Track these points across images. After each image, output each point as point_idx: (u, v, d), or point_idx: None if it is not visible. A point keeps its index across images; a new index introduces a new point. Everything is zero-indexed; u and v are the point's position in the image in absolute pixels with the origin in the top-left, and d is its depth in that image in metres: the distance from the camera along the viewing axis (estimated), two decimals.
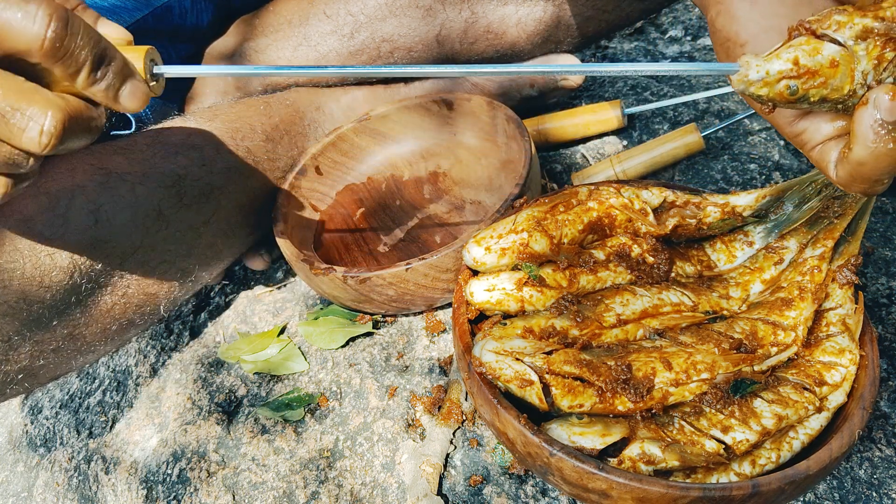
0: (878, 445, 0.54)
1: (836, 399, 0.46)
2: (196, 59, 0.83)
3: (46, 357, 0.58)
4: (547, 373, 0.45)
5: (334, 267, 0.63)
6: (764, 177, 0.76)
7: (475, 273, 0.55)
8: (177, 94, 0.82)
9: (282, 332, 0.72)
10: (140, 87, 0.42)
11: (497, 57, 0.81)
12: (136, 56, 0.43)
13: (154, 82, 0.44)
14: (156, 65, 0.44)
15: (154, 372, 0.74)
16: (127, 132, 0.73)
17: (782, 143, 0.80)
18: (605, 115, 0.83)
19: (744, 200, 0.55)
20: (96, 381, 0.76)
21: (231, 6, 0.86)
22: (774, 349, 0.48)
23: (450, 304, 0.68)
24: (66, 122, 0.38)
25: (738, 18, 0.42)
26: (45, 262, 0.55)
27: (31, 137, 0.37)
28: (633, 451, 0.42)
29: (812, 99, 0.38)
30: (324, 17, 0.78)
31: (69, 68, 0.39)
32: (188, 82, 0.83)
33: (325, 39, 0.78)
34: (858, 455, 0.53)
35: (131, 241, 0.60)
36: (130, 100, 0.42)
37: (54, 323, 0.56)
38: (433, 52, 0.79)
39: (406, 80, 0.84)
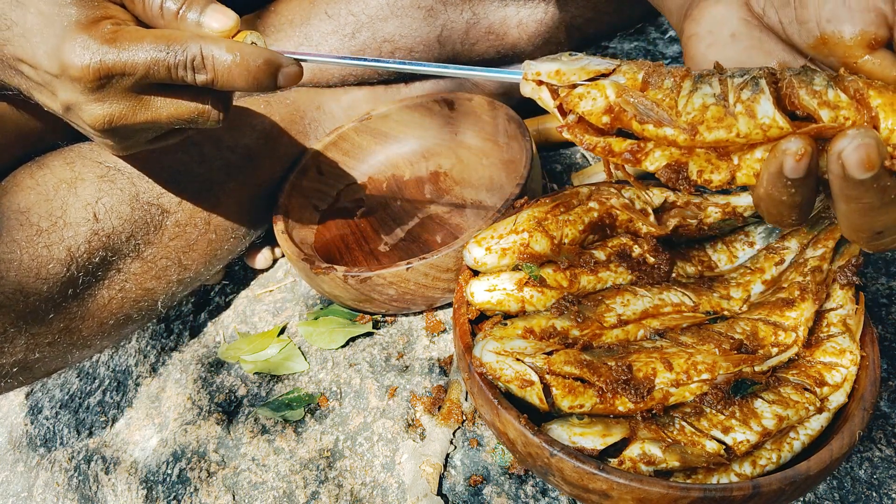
0: (879, 446, 0.54)
1: (837, 399, 0.46)
2: None
3: (42, 350, 0.58)
4: (547, 373, 0.45)
5: (335, 266, 0.63)
6: None
7: (476, 273, 0.54)
8: None
9: (282, 332, 0.72)
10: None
11: (498, 58, 0.81)
12: (236, 39, 0.48)
13: None
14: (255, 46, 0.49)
15: (154, 372, 0.73)
16: None
17: None
18: None
19: (745, 201, 0.55)
20: (96, 380, 0.76)
21: (234, 6, 0.86)
22: (775, 350, 0.48)
23: (450, 304, 0.68)
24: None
25: (693, 58, 0.43)
26: (42, 254, 0.54)
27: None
28: (633, 451, 0.42)
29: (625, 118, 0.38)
30: (325, 17, 0.78)
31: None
32: None
33: (327, 39, 0.78)
34: (858, 455, 0.53)
35: (130, 236, 0.60)
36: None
37: (50, 316, 0.56)
38: (434, 53, 0.79)
39: (407, 80, 0.84)
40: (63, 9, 0.46)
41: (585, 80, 0.38)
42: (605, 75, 0.39)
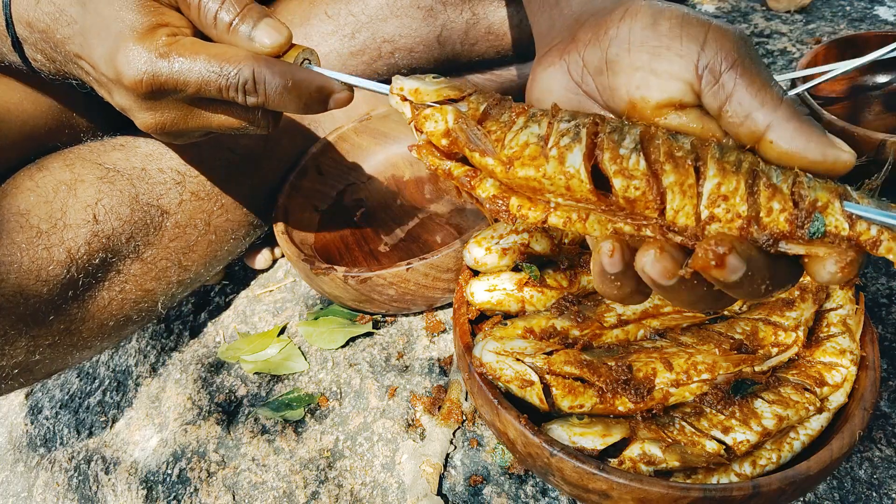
0: (879, 445, 0.54)
1: (837, 399, 0.46)
2: None
3: (42, 352, 0.58)
4: (547, 373, 0.45)
5: (335, 267, 0.63)
6: None
7: (476, 273, 0.54)
8: None
9: (282, 332, 0.72)
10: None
11: (498, 58, 0.81)
12: (289, 54, 0.48)
13: None
14: (310, 63, 0.49)
15: (154, 372, 0.73)
16: None
17: None
18: None
19: None
20: (96, 381, 0.76)
21: None
22: (775, 350, 0.48)
23: (450, 304, 0.68)
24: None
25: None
26: (42, 256, 0.54)
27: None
28: (633, 451, 0.42)
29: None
30: (325, 18, 0.78)
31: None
32: None
33: (327, 39, 0.78)
34: (858, 455, 0.53)
35: (130, 237, 0.60)
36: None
37: (51, 318, 0.56)
38: (434, 53, 0.79)
39: None
40: (121, 13, 0.47)
41: (435, 103, 0.40)
42: (455, 100, 0.40)
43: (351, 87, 0.50)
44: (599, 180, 0.36)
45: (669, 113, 0.38)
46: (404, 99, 0.42)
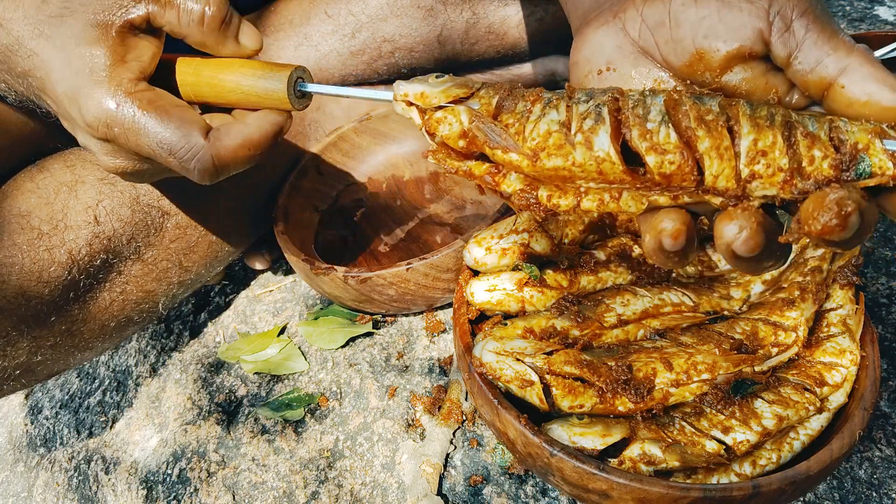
0: (879, 445, 0.54)
1: (837, 400, 0.46)
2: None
3: (44, 353, 0.58)
4: (547, 373, 0.45)
5: (335, 267, 0.63)
6: None
7: (476, 273, 0.54)
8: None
9: (282, 332, 0.72)
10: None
11: (498, 57, 0.81)
12: (284, 72, 0.46)
13: (299, 98, 0.47)
14: (304, 82, 0.48)
15: (154, 372, 0.73)
16: None
17: None
18: None
19: None
20: (96, 381, 0.76)
21: (236, 5, 0.86)
22: (775, 350, 0.48)
23: (450, 304, 0.68)
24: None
25: (574, 85, 0.45)
26: (43, 258, 0.55)
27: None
28: (633, 451, 0.42)
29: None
30: (325, 17, 0.78)
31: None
32: None
33: (327, 39, 0.78)
34: (858, 455, 0.53)
35: (130, 238, 0.60)
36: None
37: (52, 319, 0.56)
38: (434, 53, 0.79)
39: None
40: (82, 48, 0.44)
41: (445, 104, 0.39)
42: (465, 98, 0.39)
43: (290, 116, 0.49)
44: (629, 156, 0.35)
45: (735, 65, 0.37)
46: (410, 104, 0.40)
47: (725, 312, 0.52)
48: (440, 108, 0.39)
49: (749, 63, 0.37)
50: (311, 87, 0.47)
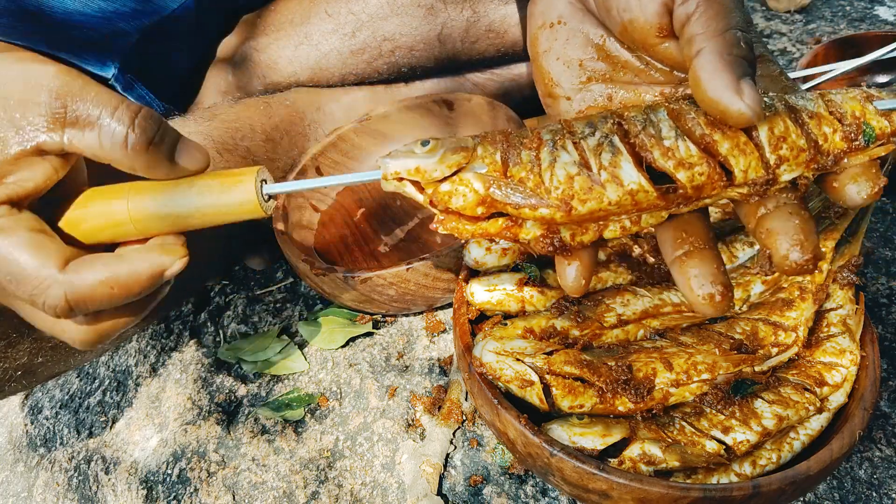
0: (879, 445, 0.54)
1: (837, 400, 0.46)
2: (202, 59, 0.83)
3: (45, 354, 0.58)
4: (547, 373, 0.45)
5: (335, 267, 0.63)
6: None
7: (476, 273, 0.54)
8: (176, 95, 0.82)
9: (282, 332, 0.72)
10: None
11: (498, 56, 0.81)
12: (248, 177, 0.40)
13: (267, 201, 0.41)
14: (266, 184, 0.41)
15: (154, 372, 0.73)
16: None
17: None
18: None
19: None
20: (96, 381, 0.76)
21: (237, 5, 0.86)
22: (775, 350, 0.48)
23: (450, 304, 0.68)
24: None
25: (529, 35, 0.46)
26: None
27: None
28: (633, 451, 0.42)
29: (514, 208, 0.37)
30: (325, 16, 0.78)
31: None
32: (188, 82, 0.83)
33: (327, 38, 0.78)
34: (858, 455, 0.53)
35: None
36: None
37: None
38: (434, 52, 0.79)
39: (406, 80, 0.84)
40: None
41: (448, 175, 0.37)
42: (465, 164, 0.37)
43: (185, 245, 0.42)
44: (650, 175, 0.36)
45: (659, 42, 0.39)
46: (401, 179, 0.38)
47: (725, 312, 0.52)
48: (443, 179, 0.37)
49: (671, 40, 0.39)
50: (276, 188, 0.41)
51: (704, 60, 0.35)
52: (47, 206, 0.40)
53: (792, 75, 0.76)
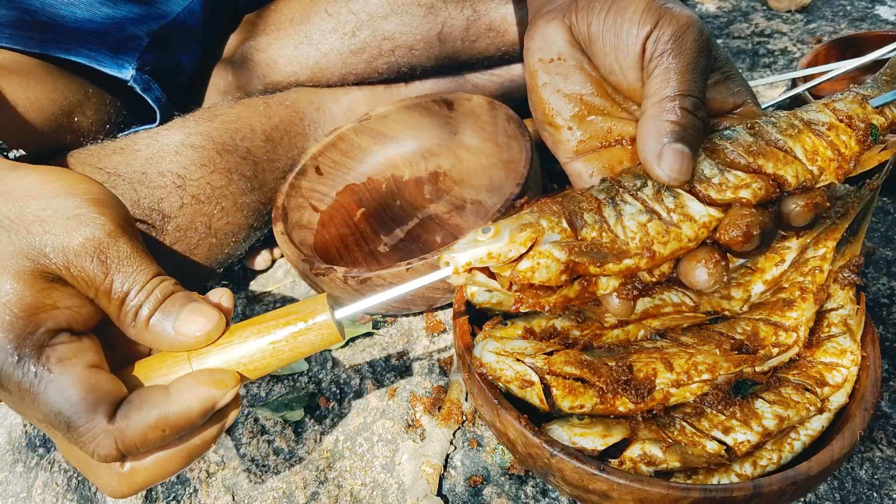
0: (879, 446, 0.53)
1: (838, 400, 0.46)
2: (207, 60, 0.83)
3: None
4: (548, 373, 0.45)
5: (334, 267, 0.63)
6: None
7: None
8: (176, 95, 0.82)
9: None
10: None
11: (499, 55, 0.81)
12: (321, 304, 0.39)
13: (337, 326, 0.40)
14: (336, 307, 0.40)
15: None
16: (152, 125, 0.73)
17: None
18: None
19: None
20: None
21: (238, 4, 0.86)
22: (776, 350, 0.48)
23: (450, 305, 0.68)
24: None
25: (527, 66, 0.48)
26: None
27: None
28: (633, 451, 0.42)
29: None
30: (325, 16, 0.78)
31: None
32: (193, 83, 0.83)
33: (327, 38, 0.78)
34: (859, 455, 0.53)
35: None
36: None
37: None
38: (434, 51, 0.79)
39: (406, 80, 0.84)
40: (1, 276, 0.35)
41: (524, 252, 0.37)
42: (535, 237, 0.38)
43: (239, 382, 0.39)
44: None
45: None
46: (471, 270, 0.37)
47: (726, 312, 0.52)
48: (520, 258, 0.37)
49: None
50: (347, 311, 0.40)
51: (641, 123, 0.39)
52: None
53: (792, 75, 0.76)
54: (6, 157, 0.47)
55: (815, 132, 0.39)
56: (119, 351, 0.41)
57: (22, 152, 0.45)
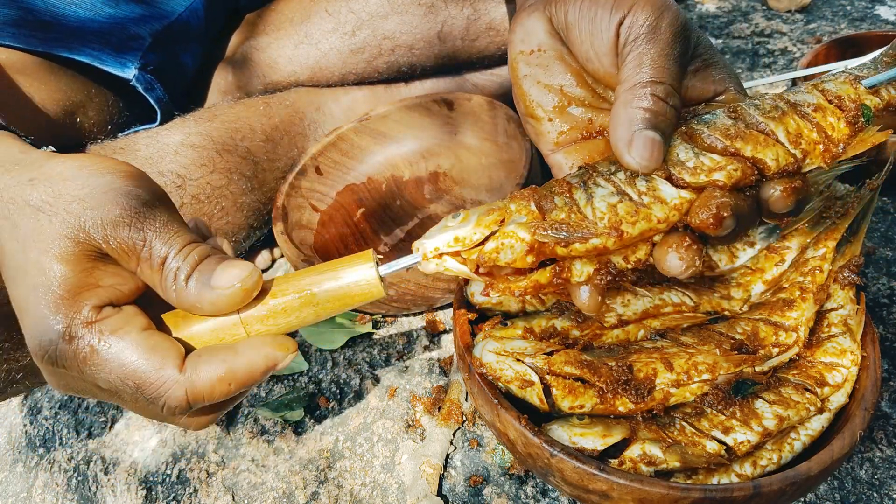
0: (879, 446, 0.53)
1: (838, 400, 0.46)
2: (208, 60, 0.83)
3: None
4: (548, 373, 0.45)
5: None
6: None
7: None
8: (178, 95, 0.82)
9: None
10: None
11: (499, 54, 0.81)
12: (366, 258, 0.39)
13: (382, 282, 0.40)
14: (378, 265, 0.40)
15: None
16: (152, 125, 0.73)
17: None
18: None
19: None
20: None
21: (238, 4, 0.86)
22: (776, 350, 0.48)
23: (450, 305, 0.68)
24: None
25: (510, 57, 0.47)
26: None
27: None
28: (633, 452, 0.42)
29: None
30: (325, 15, 0.78)
31: None
32: (195, 83, 0.83)
33: (327, 37, 0.78)
34: (859, 455, 0.53)
35: None
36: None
37: None
38: (434, 50, 0.79)
39: (406, 80, 0.84)
40: (43, 258, 0.36)
41: (489, 234, 0.37)
42: (502, 221, 0.38)
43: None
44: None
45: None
46: (440, 255, 0.38)
47: (726, 312, 0.52)
48: (485, 239, 0.37)
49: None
50: (390, 267, 0.41)
51: (613, 110, 0.38)
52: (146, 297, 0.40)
53: (792, 75, 0.76)
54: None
55: (800, 114, 0.38)
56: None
57: (52, 148, 0.45)
